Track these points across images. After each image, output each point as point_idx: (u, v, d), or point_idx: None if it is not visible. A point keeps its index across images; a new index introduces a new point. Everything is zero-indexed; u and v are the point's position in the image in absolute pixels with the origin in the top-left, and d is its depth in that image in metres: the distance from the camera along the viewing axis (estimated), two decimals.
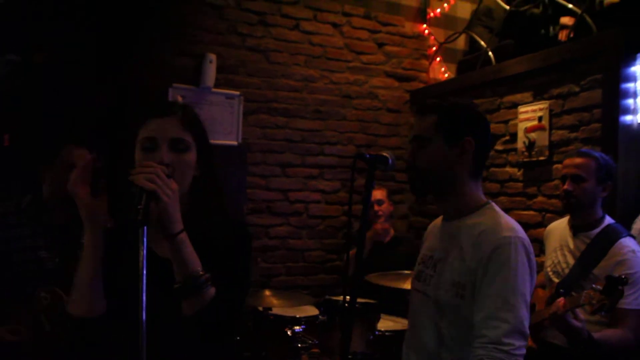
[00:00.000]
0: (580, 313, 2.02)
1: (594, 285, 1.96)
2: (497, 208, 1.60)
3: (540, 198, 3.37)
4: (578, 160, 2.38)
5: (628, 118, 2.89)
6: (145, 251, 1.10)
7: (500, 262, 1.43)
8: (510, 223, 1.52)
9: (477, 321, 1.43)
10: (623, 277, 1.89)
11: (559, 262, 2.43)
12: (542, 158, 3.32)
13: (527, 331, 1.42)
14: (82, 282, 1.28)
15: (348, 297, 1.40)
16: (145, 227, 1.12)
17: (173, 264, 1.23)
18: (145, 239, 1.11)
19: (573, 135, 3.16)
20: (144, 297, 1.06)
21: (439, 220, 1.77)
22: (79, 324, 1.28)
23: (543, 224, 3.31)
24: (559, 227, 2.55)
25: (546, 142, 3.29)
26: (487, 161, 1.70)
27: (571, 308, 1.99)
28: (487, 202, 1.61)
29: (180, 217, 1.24)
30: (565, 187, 2.37)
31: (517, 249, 1.44)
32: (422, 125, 1.61)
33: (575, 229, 2.41)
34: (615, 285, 1.88)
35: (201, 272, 1.24)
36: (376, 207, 3.74)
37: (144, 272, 1.08)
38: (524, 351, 1.40)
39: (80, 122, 3.30)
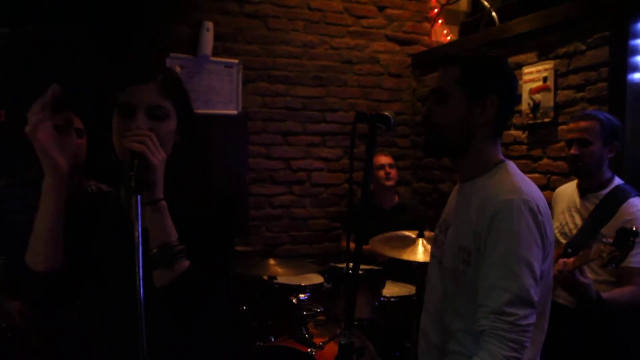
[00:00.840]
0: (588, 272, 2.00)
1: (604, 240, 1.94)
2: (511, 168, 1.51)
3: (545, 160, 3.32)
4: (583, 123, 2.35)
5: (637, 76, 2.81)
6: (140, 220, 1.07)
7: (502, 228, 1.35)
8: (516, 184, 1.42)
9: (481, 291, 1.37)
10: (635, 229, 1.87)
11: (567, 223, 2.42)
12: (547, 120, 3.26)
13: (535, 299, 1.33)
14: (39, 232, 1.24)
15: (351, 265, 1.36)
16: (139, 196, 1.09)
17: (149, 232, 1.20)
18: (139, 207, 1.08)
19: (579, 95, 3.09)
20: (141, 268, 1.03)
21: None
22: (38, 276, 1.24)
23: (549, 187, 3.28)
24: (567, 189, 2.52)
25: (551, 104, 3.23)
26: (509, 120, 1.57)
27: (580, 265, 1.97)
28: (500, 161, 1.51)
29: (162, 184, 1.22)
30: (572, 151, 2.34)
31: (521, 212, 1.35)
32: (443, 78, 1.49)
33: (584, 190, 2.39)
34: (627, 237, 1.86)
35: (175, 243, 1.22)
36: (388, 170, 3.72)
37: (140, 241, 1.04)
38: (532, 320, 1.33)
39: (73, 90, 3.26)
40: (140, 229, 1.06)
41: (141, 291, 1.02)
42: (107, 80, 1.39)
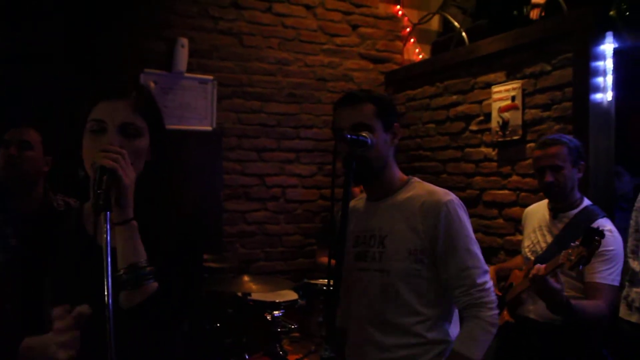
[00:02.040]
0: (560, 277, 2.08)
1: (572, 244, 2.01)
2: (420, 180, 1.75)
3: (514, 177, 3.41)
4: (551, 149, 2.39)
5: (598, 96, 2.93)
6: (109, 238, 1.05)
7: (452, 222, 1.62)
8: (438, 189, 1.70)
9: (450, 277, 1.63)
10: (601, 229, 1.95)
11: (537, 242, 2.48)
12: (515, 137, 3.35)
13: (487, 267, 1.69)
14: None
15: (331, 281, 1.40)
16: (108, 213, 1.07)
17: (117, 252, 1.18)
18: (108, 225, 1.06)
19: (546, 114, 3.19)
20: (110, 285, 1.01)
21: (359, 202, 1.85)
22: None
23: (518, 203, 3.36)
24: (538, 209, 2.58)
25: (519, 122, 3.32)
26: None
27: (552, 270, 2.05)
28: (409, 178, 1.75)
29: (132, 204, 1.20)
30: (547, 179, 2.37)
31: (458, 205, 1.66)
32: (362, 114, 1.64)
33: (555, 210, 2.45)
34: (593, 237, 1.94)
35: (145, 264, 1.19)
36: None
37: (109, 260, 1.03)
38: (491, 283, 1.68)
39: (41, 105, 3.23)
40: (109, 247, 1.04)
41: (110, 310, 1.01)
42: (79, 94, 1.37)
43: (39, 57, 3.36)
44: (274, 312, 2.94)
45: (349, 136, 1.50)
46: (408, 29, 4.66)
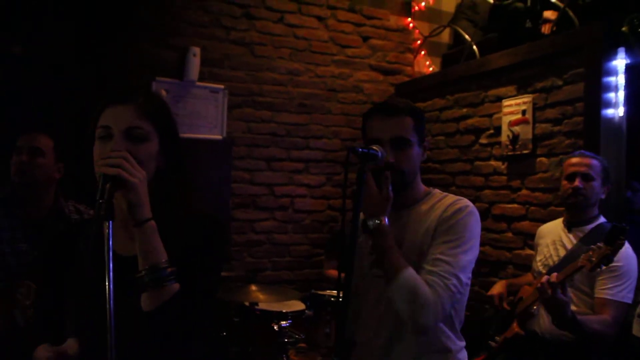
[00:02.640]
0: (568, 290, 2.07)
1: (593, 246, 2.00)
2: (439, 191, 1.75)
3: (524, 191, 3.40)
4: (587, 160, 2.43)
5: (610, 112, 2.92)
6: (110, 248, 1.05)
7: (457, 220, 1.58)
8: (462, 198, 1.66)
9: (426, 262, 1.56)
10: (625, 226, 1.93)
11: (550, 256, 2.47)
12: (525, 151, 3.35)
13: (465, 279, 1.58)
14: None
15: (341, 292, 1.39)
16: (110, 222, 1.07)
17: (138, 253, 1.17)
18: (110, 235, 1.06)
19: (556, 128, 3.18)
20: (112, 295, 1.01)
21: None
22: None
23: (527, 217, 3.35)
24: (554, 226, 2.59)
25: (530, 136, 3.32)
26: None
27: (565, 277, 2.04)
28: (429, 189, 1.75)
29: (149, 204, 1.19)
30: (576, 184, 2.40)
31: (471, 213, 1.61)
32: (403, 127, 1.63)
33: (570, 225, 2.45)
34: (618, 235, 1.92)
35: (165, 264, 1.18)
36: None
37: (110, 268, 1.03)
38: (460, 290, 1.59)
39: (54, 112, 3.26)
40: (111, 256, 1.04)
41: (111, 317, 1.01)
42: (89, 102, 1.38)
43: (51, 64, 3.39)
44: (281, 322, 2.93)
45: (360, 150, 1.49)
46: (419, 42, 4.68)
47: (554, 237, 2.51)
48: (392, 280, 1.53)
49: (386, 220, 1.57)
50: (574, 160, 2.47)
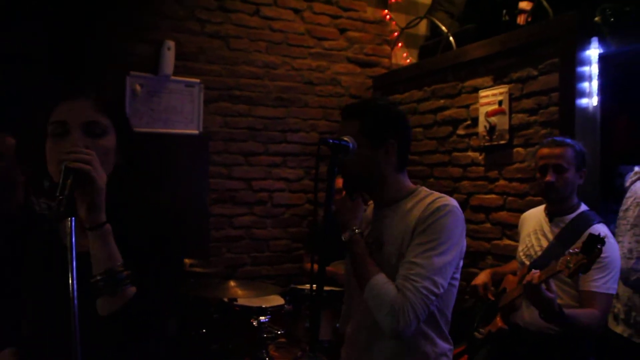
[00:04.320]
0: (553, 285, 2.05)
1: (570, 250, 1.98)
2: (426, 189, 1.72)
3: (501, 182, 3.41)
4: (557, 150, 2.34)
5: (584, 101, 2.94)
6: (74, 245, 1.01)
7: (435, 220, 1.55)
8: (445, 196, 1.64)
9: (402, 264, 1.56)
10: (602, 235, 1.91)
11: (532, 246, 2.45)
12: (502, 142, 3.36)
13: (443, 281, 1.57)
14: None
15: (315, 286, 1.39)
16: (73, 219, 1.03)
17: (92, 258, 1.14)
18: (73, 231, 1.02)
19: (532, 118, 3.20)
20: (75, 294, 0.98)
21: (369, 209, 1.84)
22: None
23: (505, 208, 3.37)
24: (534, 214, 2.54)
25: (506, 126, 3.33)
26: (409, 155, 1.77)
27: (546, 278, 2.02)
28: (415, 187, 1.72)
29: (104, 207, 1.16)
30: (548, 178, 2.31)
31: (451, 212, 1.58)
32: (347, 131, 1.63)
33: (552, 214, 2.42)
34: (595, 244, 1.90)
35: (120, 268, 1.15)
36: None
37: (74, 266, 0.99)
38: (430, 293, 1.58)
39: (23, 110, 3.17)
40: (74, 253, 1.01)
41: (76, 319, 0.98)
42: (41, 97, 1.33)
43: (19, 58, 3.29)
44: (260, 317, 2.91)
45: (330, 140, 1.50)
46: (396, 33, 4.67)
47: (535, 226, 2.48)
48: (363, 287, 1.56)
49: (356, 229, 1.61)
50: (545, 151, 2.38)
